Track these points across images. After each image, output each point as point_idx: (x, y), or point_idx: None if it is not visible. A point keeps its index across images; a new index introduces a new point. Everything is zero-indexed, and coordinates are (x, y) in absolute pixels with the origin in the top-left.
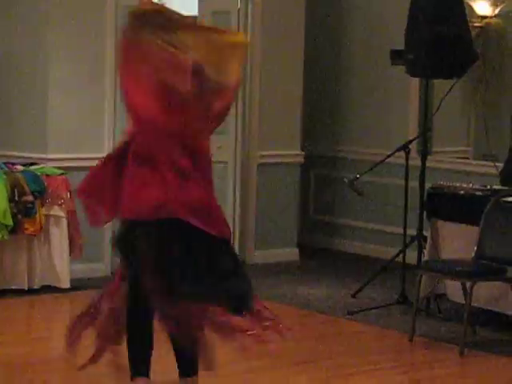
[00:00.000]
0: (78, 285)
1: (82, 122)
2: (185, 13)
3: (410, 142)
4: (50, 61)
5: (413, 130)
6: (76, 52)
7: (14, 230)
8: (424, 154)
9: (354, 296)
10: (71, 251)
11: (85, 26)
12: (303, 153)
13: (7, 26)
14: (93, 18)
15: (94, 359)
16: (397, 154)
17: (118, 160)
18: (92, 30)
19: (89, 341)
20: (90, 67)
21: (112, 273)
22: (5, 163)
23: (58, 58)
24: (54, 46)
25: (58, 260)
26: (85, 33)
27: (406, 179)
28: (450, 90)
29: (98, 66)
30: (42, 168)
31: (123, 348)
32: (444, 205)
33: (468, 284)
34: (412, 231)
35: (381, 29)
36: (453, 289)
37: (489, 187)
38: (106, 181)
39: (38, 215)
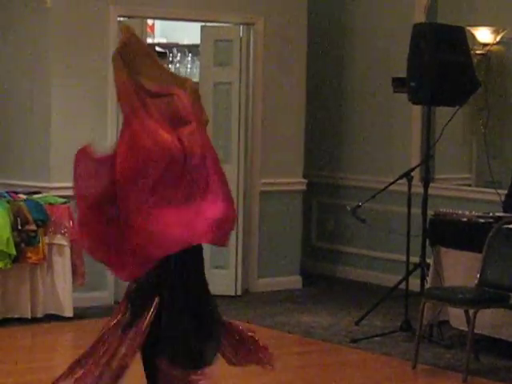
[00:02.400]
0: (81, 313)
1: None
2: (186, 41)
3: (413, 169)
4: (52, 88)
5: (415, 158)
6: (78, 79)
7: (17, 258)
8: (426, 181)
9: (357, 324)
10: (74, 280)
11: (87, 52)
12: (305, 180)
13: (7, 54)
14: (94, 43)
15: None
16: (399, 181)
17: (102, 205)
18: (94, 56)
19: None
20: (92, 95)
21: (115, 302)
22: (8, 192)
23: (60, 86)
24: (56, 74)
25: (61, 288)
26: (87, 59)
27: (409, 206)
28: (452, 117)
29: (100, 93)
30: (45, 197)
31: None
32: (446, 232)
33: (471, 311)
34: (415, 259)
35: (383, 57)
36: (456, 316)
37: (491, 214)
38: (105, 229)
39: (40, 244)
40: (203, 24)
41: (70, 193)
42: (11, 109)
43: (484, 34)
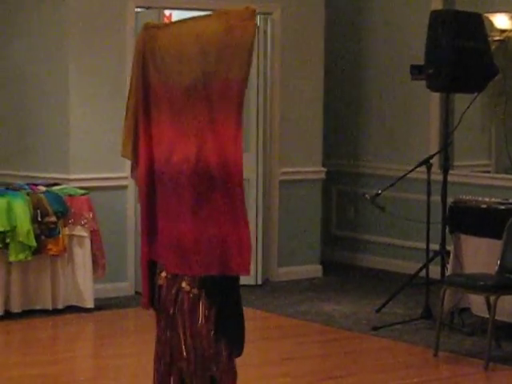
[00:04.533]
0: (101, 304)
1: (103, 142)
2: None
3: (432, 156)
4: (70, 81)
5: (434, 145)
6: (97, 71)
7: (38, 250)
8: (445, 168)
9: (378, 312)
10: (95, 271)
11: (105, 45)
12: (325, 169)
13: (27, 47)
14: (113, 36)
15: None
16: (418, 168)
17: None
18: (113, 49)
19: None
20: (111, 87)
21: (136, 292)
22: (27, 184)
23: (79, 78)
24: (75, 67)
25: (81, 280)
26: (105, 52)
27: (428, 194)
28: (471, 104)
29: (119, 85)
30: (65, 188)
31: None
32: (466, 219)
33: (492, 298)
34: (435, 246)
35: (401, 44)
36: (477, 303)
37: (511, 200)
38: None
39: (61, 235)
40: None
41: (89, 184)
42: (29, 102)
43: (502, 20)
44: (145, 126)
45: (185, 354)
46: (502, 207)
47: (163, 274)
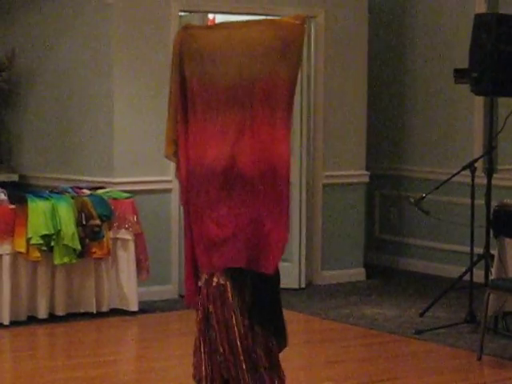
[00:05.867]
0: (146, 307)
1: (147, 145)
2: None
3: (476, 160)
4: (115, 84)
5: (478, 149)
6: (140, 74)
7: (82, 253)
8: (490, 172)
9: (421, 315)
10: (139, 274)
11: (149, 46)
12: (368, 173)
13: (72, 50)
14: (157, 37)
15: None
16: (462, 172)
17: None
18: (156, 51)
19: None
20: (154, 89)
21: (180, 295)
22: (72, 187)
23: (123, 81)
24: (119, 69)
25: (125, 283)
26: (149, 54)
27: (472, 197)
28: None
29: (162, 87)
30: (109, 192)
31: None
32: (511, 223)
33: None
34: (479, 250)
35: (444, 48)
36: None
37: None
38: None
39: (105, 239)
40: (264, 18)
41: (133, 187)
42: (74, 105)
43: None
44: (183, 127)
45: (221, 348)
46: None
47: (203, 277)
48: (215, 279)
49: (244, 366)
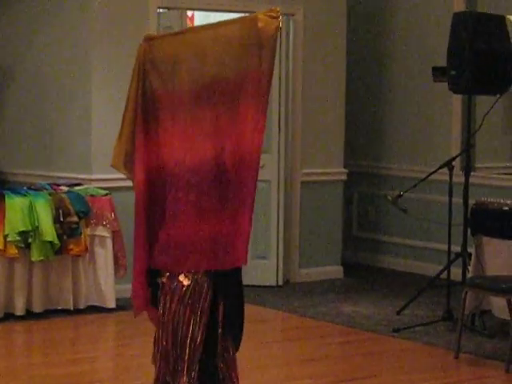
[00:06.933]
0: (123, 304)
1: None
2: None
3: (454, 158)
4: (93, 81)
5: (456, 147)
6: (119, 71)
7: (59, 250)
8: (467, 170)
9: (398, 313)
10: (116, 271)
11: (127, 44)
12: (346, 170)
13: (49, 48)
14: (135, 34)
15: None
16: (440, 170)
17: None
18: (134, 48)
19: None
20: None
21: None
22: (49, 184)
23: (101, 78)
24: (97, 67)
25: (103, 280)
26: (127, 51)
27: (450, 196)
28: (493, 106)
29: None
30: (87, 189)
31: None
32: (488, 221)
33: None
34: (456, 248)
35: (422, 45)
36: (498, 305)
37: None
38: None
39: (82, 236)
40: (243, 15)
41: (111, 184)
42: (52, 102)
43: None
44: (144, 135)
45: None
46: None
47: (165, 275)
48: (180, 278)
49: (183, 365)
